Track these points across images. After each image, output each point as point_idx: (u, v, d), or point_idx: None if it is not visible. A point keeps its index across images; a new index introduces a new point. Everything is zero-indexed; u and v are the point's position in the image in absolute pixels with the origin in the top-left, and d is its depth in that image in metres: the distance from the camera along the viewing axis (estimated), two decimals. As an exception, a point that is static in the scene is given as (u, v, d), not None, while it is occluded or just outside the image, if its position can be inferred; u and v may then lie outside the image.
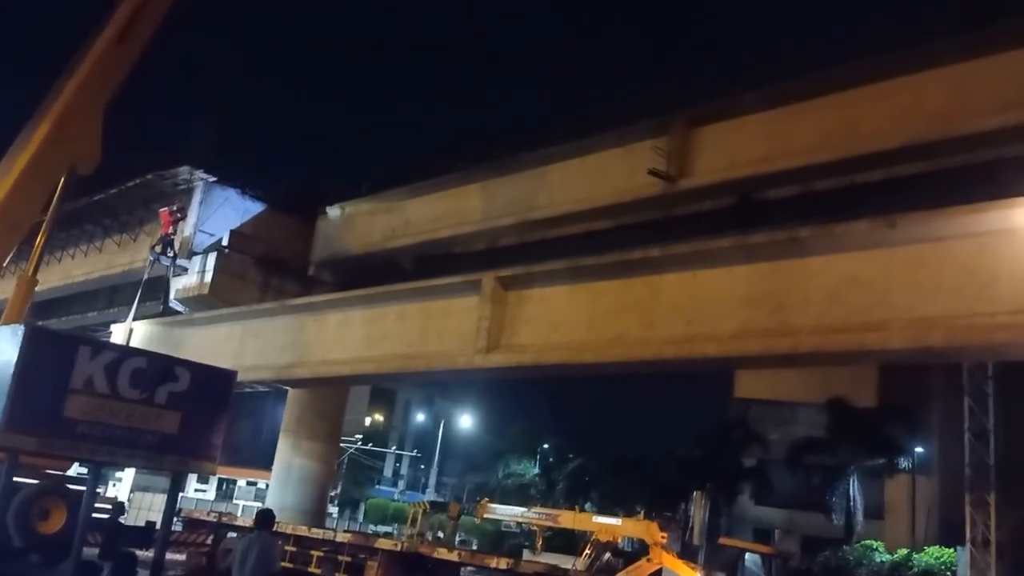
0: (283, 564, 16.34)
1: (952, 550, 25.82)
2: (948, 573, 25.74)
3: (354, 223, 29.74)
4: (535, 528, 25.48)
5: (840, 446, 29.67)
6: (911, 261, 14.49)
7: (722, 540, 27.74)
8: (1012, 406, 24.44)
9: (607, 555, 22.40)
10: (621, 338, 17.76)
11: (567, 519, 24.04)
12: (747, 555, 24.17)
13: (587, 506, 36.42)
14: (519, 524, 31.42)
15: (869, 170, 18.26)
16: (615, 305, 18.04)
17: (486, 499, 28.86)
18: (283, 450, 30.58)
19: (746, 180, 19.74)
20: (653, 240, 19.47)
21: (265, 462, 36.60)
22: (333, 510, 46.21)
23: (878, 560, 27.81)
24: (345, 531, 25.75)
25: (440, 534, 28.46)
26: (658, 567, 20.86)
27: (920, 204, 15.25)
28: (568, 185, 23.12)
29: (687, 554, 26.40)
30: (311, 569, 19.29)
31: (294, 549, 19.69)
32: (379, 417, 65.12)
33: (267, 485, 34.73)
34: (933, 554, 26.92)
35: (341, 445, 40.26)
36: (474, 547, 34.59)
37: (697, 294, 16.95)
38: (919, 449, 31.20)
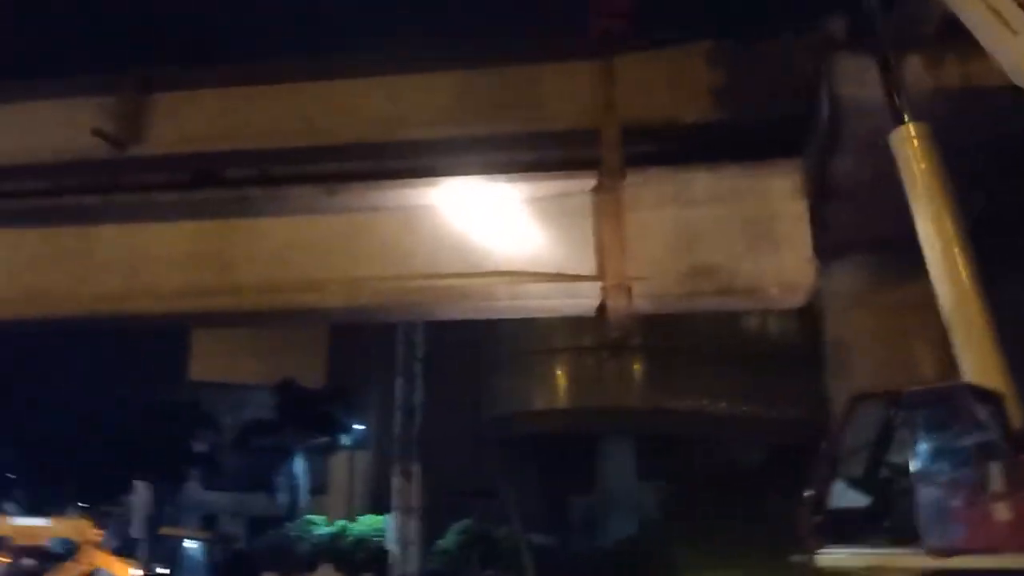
0: None
1: (382, 517, 28.30)
2: (377, 539, 28.15)
3: None
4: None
5: (287, 426, 30.67)
6: (347, 228, 15.68)
7: (162, 530, 26.85)
8: (434, 386, 27.81)
9: (26, 560, 20.29)
10: (47, 293, 16.05)
11: None
12: (186, 543, 23.67)
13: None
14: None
15: (324, 162, 18.89)
16: (40, 256, 16.27)
17: None
18: None
19: (201, 155, 18.74)
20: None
21: None
22: None
23: (318, 533, 29.30)
24: None
25: None
26: (88, 568, 19.45)
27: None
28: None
29: (129, 548, 24.99)
30: None
31: None
32: None
33: None
34: (366, 522, 29.27)
35: None
36: None
37: (138, 249, 16.09)
38: (359, 426, 33.64)
